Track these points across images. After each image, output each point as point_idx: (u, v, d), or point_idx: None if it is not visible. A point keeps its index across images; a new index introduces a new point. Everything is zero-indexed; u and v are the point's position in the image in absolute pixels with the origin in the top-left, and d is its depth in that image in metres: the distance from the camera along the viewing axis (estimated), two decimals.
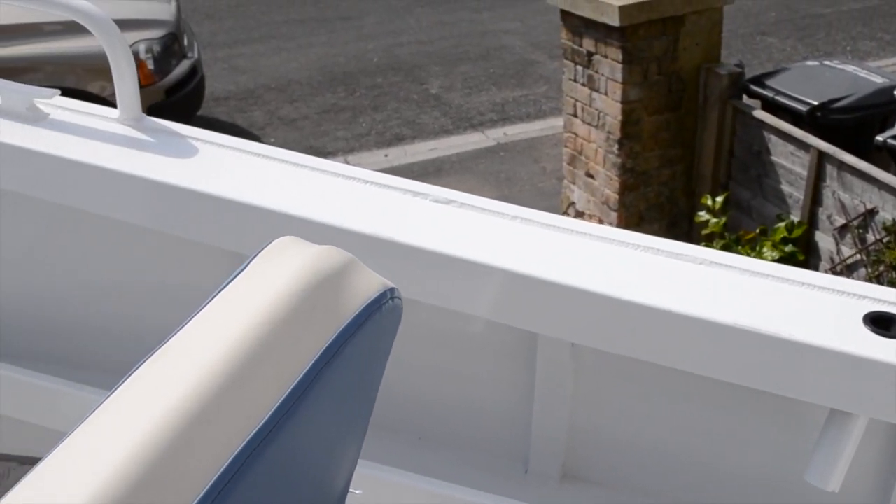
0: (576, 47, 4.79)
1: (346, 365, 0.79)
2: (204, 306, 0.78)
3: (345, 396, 0.83)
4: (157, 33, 5.44)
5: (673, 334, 1.47)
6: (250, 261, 0.82)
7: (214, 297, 0.79)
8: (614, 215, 4.76)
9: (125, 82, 1.85)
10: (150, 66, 5.36)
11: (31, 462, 2.19)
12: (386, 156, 5.99)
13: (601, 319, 1.52)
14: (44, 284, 2.07)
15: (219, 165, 1.77)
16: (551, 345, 1.65)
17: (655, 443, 1.67)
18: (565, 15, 4.76)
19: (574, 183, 5.07)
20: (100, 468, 0.61)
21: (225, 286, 0.80)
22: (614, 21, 4.36)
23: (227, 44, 8.11)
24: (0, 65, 5.41)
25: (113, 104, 1.95)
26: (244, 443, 0.67)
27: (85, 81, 5.39)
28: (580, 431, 1.71)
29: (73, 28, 5.30)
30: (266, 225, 1.67)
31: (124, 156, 1.79)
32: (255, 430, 0.68)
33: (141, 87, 5.88)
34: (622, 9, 4.33)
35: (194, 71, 5.78)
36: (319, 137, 6.29)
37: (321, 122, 6.59)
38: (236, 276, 0.81)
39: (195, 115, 5.62)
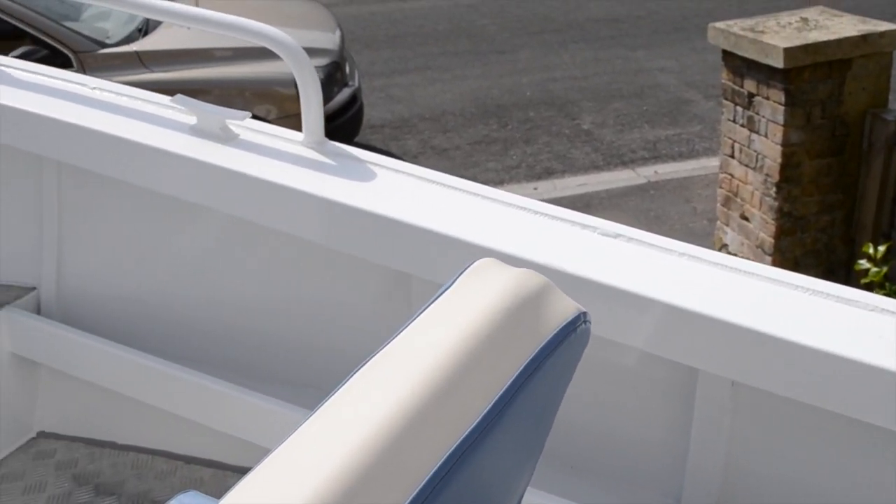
0: (736, 88, 4.74)
1: (541, 383, 0.83)
2: (413, 320, 0.84)
3: (536, 414, 0.87)
4: (321, 61, 5.65)
5: (839, 378, 1.45)
6: (454, 280, 0.88)
7: (422, 312, 0.84)
8: (769, 259, 4.66)
9: (311, 108, 1.95)
10: None
11: (198, 463, 2.31)
12: (535, 189, 6.04)
13: (764, 359, 1.51)
14: (222, 293, 2.19)
15: (395, 190, 1.85)
16: (711, 382, 1.65)
17: (813, 487, 1.65)
18: (727, 55, 4.72)
19: (727, 225, 5.00)
20: (324, 465, 0.66)
21: (432, 303, 0.85)
22: (778, 63, 4.30)
23: (384, 73, 8.34)
24: (174, 87, 5.73)
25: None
26: (451, 449, 0.72)
27: (252, 105, 5.63)
28: (736, 470, 1.70)
29: (241, 54, 5.58)
30: (435, 247, 1.74)
31: (306, 176, 1.88)
32: (461, 438, 0.73)
33: None
34: (787, 51, 4.26)
35: (354, 99, 5.97)
36: (470, 168, 6.40)
37: (472, 152, 6.70)
38: (442, 293, 0.86)
39: (353, 141, 5.81)
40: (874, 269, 4.30)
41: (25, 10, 5.42)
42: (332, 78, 5.73)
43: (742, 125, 4.74)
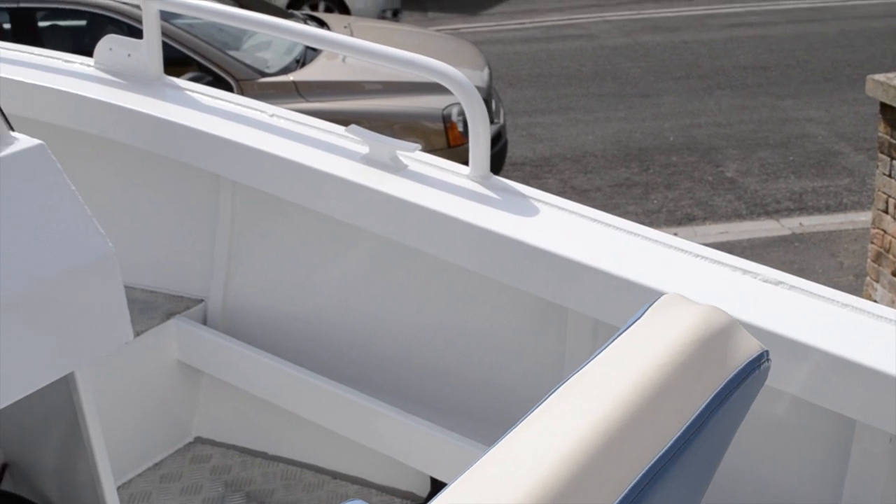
0: (893, 141, 4.62)
1: (724, 415, 0.87)
2: (604, 349, 0.88)
3: (714, 446, 0.90)
4: None
5: None
6: (642, 313, 0.92)
7: (612, 342, 0.89)
8: None
9: (479, 143, 2.02)
10: (461, 128, 5.69)
11: (345, 479, 2.38)
12: (675, 234, 6.00)
13: None
14: (380, 315, 2.28)
15: (557, 225, 1.90)
16: (869, 434, 1.63)
17: None
18: (885, 108, 4.61)
19: (877, 281, 4.86)
20: (536, 468, 0.72)
21: (621, 333, 0.90)
22: None
23: (527, 112, 8.43)
24: (326, 117, 5.92)
25: None
26: (646, 468, 0.76)
27: (399, 137, 5.78)
28: None
29: (390, 88, 5.75)
30: (595, 283, 1.77)
31: (471, 208, 1.95)
32: (654, 459, 0.77)
33: (450, 146, 6.25)
34: None
35: (499, 135, 6.07)
36: (610, 210, 6.38)
37: (613, 195, 6.70)
38: (630, 325, 0.90)
39: None
40: None
41: (194, 38, 5.73)
42: None
43: None
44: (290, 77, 5.83)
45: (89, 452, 1.85)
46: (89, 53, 2.62)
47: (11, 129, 1.60)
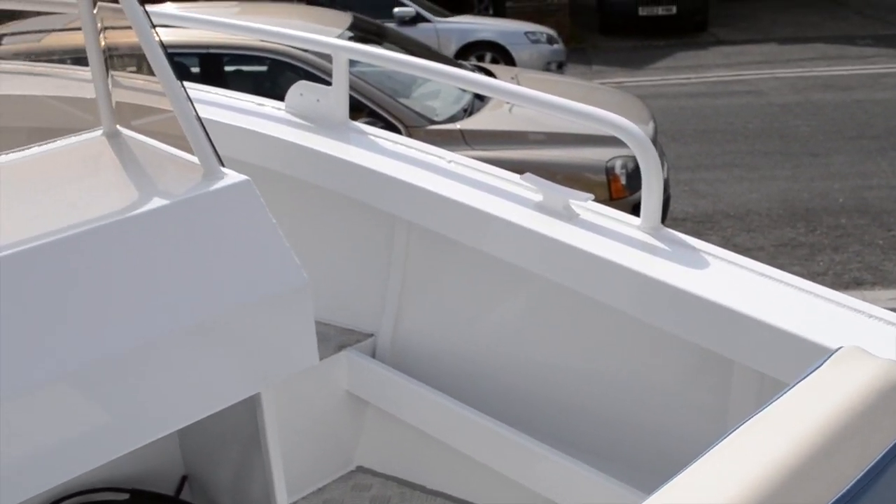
0: None
1: None
2: (783, 395, 0.91)
3: (891, 497, 0.91)
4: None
5: None
6: (821, 363, 0.95)
7: (791, 389, 0.92)
8: None
9: (652, 195, 2.06)
10: (623, 181, 5.70)
11: None
12: None
13: None
14: (544, 359, 2.33)
15: (726, 277, 1.92)
16: None
17: None
18: None
19: None
20: (736, 482, 0.76)
21: (799, 382, 0.93)
22: None
23: (690, 168, 8.36)
24: (497, 165, 6.06)
25: None
26: None
27: None
28: None
29: (553, 139, 5.83)
30: (764, 337, 1.78)
31: (641, 257, 1.99)
32: (834, 499, 0.80)
33: (611, 199, 6.27)
34: None
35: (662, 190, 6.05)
36: None
37: (777, 255, 6.55)
38: (809, 374, 0.93)
39: None
40: None
41: (368, 86, 5.98)
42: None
43: None
44: (458, 125, 5.99)
45: (266, 471, 1.97)
46: (270, 96, 2.80)
47: (222, 164, 1.75)
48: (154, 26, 1.75)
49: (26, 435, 1.45)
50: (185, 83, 1.82)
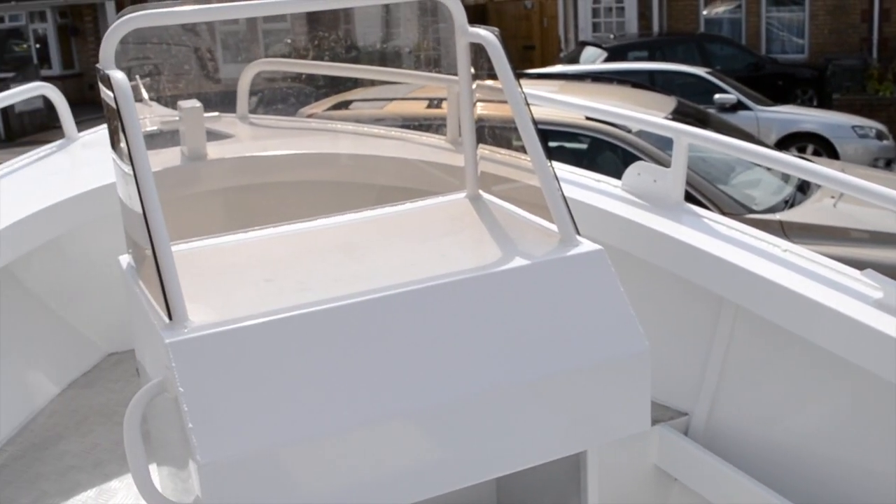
0: None
1: None
2: None
3: None
4: None
5: None
6: None
7: None
8: None
9: None
10: None
11: None
12: None
13: None
14: (855, 457, 2.27)
15: None
16: None
17: None
18: None
19: None
20: None
21: None
22: None
23: None
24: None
25: None
26: None
27: None
28: None
29: (877, 238, 5.56)
30: None
31: None
32: None
33: None
34: None
35: None
36: None
37: None
38: None
39: None
40: None
41: (691, 172, 6.03)
42: None
43: None
44: (777, 216, 5.89)
45: None
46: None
47: (578, 233, 1.89)
48: (528, 104, 1.94)
49: (411, 448, 1.62)
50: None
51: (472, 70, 2.15)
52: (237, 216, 2.86)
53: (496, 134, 2.21)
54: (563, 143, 6.97)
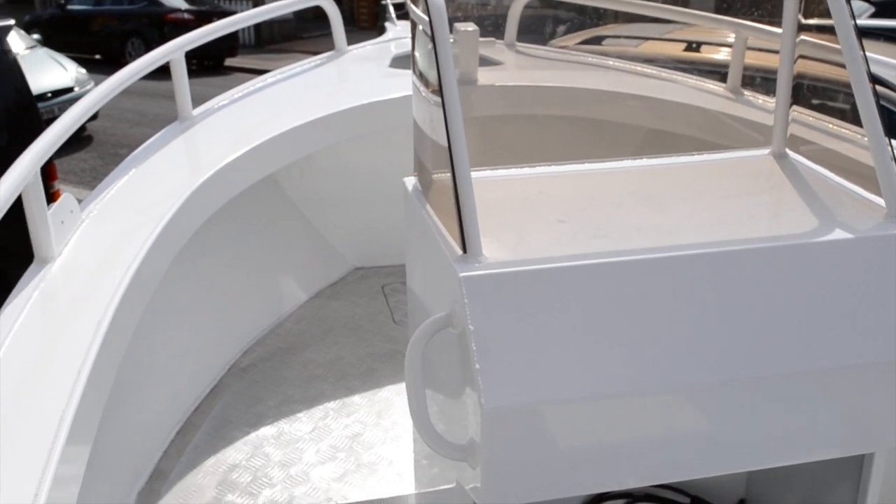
0: None
1: None
2: None
3: None
4: None
5: None
6: None
7: None
8: None
9: None
10: None
11: None
12: None
13: None
14: None
15: None
16: None
17: None
18: None
19: None
20: None
21: None
22: None
23: None
24: None
25: None
26: None
27: None
28: None
29: None
30: None
31: None
32: None
33: None
34: None
35: None
36: None
37: None
38: None
39: None
40: None
41: None
42: None
43: None
44: None
45: None
46: None
47: None
48: (868, 64, 1.74)
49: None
50: None
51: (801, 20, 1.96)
52: (505, 146, 2.78)
53: (816, 90, 2.01)
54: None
